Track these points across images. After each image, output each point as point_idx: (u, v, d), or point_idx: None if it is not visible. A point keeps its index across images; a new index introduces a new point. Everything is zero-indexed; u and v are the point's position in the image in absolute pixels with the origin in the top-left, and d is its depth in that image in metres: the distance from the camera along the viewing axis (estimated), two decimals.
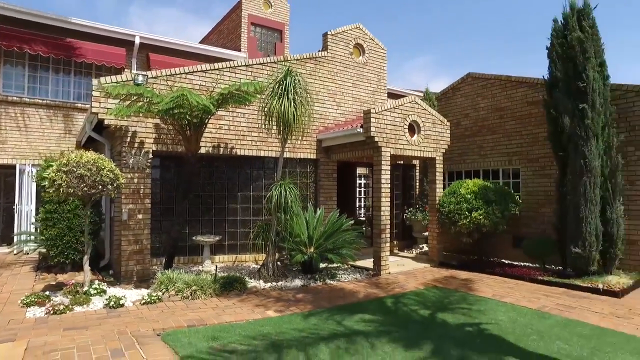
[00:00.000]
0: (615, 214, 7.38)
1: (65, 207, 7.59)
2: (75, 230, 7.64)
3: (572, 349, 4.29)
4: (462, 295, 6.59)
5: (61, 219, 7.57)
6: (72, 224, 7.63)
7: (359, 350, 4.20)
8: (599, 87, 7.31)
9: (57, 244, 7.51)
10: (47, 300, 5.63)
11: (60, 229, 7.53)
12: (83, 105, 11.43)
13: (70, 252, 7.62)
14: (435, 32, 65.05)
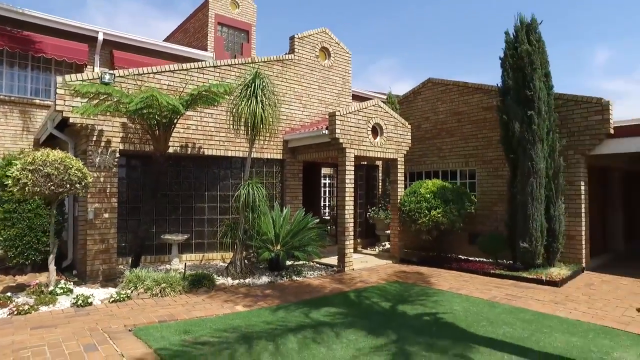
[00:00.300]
0: (557, 212, 8.08)
1: (26, 206, 7.43)
2: (37, 230, 7.50)
3: (516, 331, 4.78)
4: (421, 288, 7.04)
5: (21, 218, 7.40)
6: (34, 223, 7.48)
7: (324, 339, 4.50)
8: (544, 96, 7.99)
9: (17, 244, 7.33)
10: (8, 301, 5.57)
11: (20, 229, 7.36)
12: (41, 102, 11.09)
13: (30, 253, 7.47)
14: (400, 36, 66.60)
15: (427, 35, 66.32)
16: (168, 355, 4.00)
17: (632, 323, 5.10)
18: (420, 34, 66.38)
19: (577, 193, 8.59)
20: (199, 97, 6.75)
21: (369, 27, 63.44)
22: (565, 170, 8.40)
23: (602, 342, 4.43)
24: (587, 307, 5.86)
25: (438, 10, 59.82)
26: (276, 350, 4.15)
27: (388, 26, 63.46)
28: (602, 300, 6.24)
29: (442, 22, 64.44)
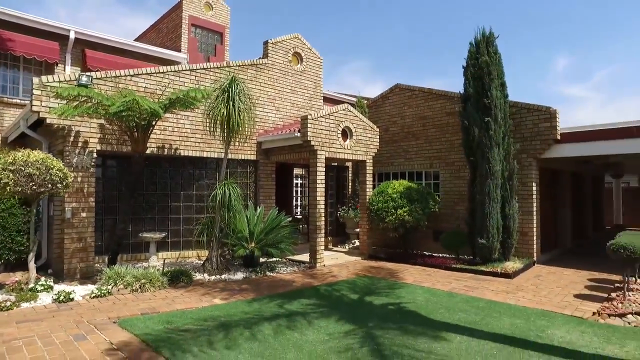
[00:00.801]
0: (512, 211, 8.84)
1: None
2: (11, 230, 7.59)
3: (469, 317, 5.38)
4: (387, 282, 7.60)
5: None
6: (7, 223, 7.56)
7: (298, 326, 4.95)
8: (500, 104, 8.73)
9: None
10: None
11: None
12: (9, 100, 10.98)
13: (4, 253, 7.55)
14: (371, 38, 67.80)
15: (397, 38, 67.81)
16: (153, 340, 4.35)
17: (567, 307, 5.82)
18: (391, 37, 67.79)
19: (529, 193, 9.40)
20: (177, 101, 7.04)
21: (341, 28, 64.28)
22: (519, 172, 9.19)
23: (541, 323, 5.09)
24: (533, 295, 6.57)
25: (409, 14, 61.30)
26: (253, 336, 4.56)
27: (360, 28, 64.47)
28: (547, 289, 6.99)
29: (413, 25, 66.06)
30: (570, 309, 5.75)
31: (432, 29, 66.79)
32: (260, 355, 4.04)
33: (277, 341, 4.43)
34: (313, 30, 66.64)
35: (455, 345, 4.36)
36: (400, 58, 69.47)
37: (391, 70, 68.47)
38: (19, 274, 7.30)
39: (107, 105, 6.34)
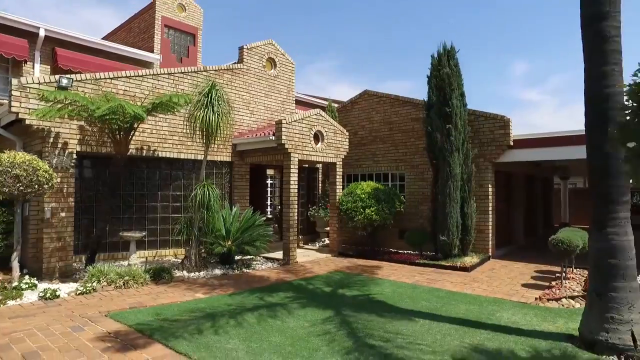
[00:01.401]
0: (470, 210, 9.69)
1: None
2: None
3: (431, 304, 6.08)
4: (357, 277, 8.23)
5: None
6: None
7: (279, 315, 5.47)
8: (460, 112, 9.56)
9: None
10: None
11: None
12: None
13: None
14: (339, 39, 68.76)
15: (363, 40, 69.12)
16: (146, 329, 4.74)
17: (515, 294, 6.65)
18: (358, 38, 69.02)
19: (485, 194, 10.32)
20: (160, 105, 7.36)
21: (308, 28, 64.88)
22: (477, 175, 10.07)
23: (492, 308, 5.85)
24: (487, 285, 7.38)
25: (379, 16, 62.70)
26: (238, 324, 5.04)
27: (326, 28, 65.29)
28: (499, 280, 7.83)
29: (380, 27, 67.60)
30: (517, 296, 6.57)
31: (398, 32, 68.58)
32: (248, 339, 4.53)
33: (261, 327, 4.93)
34: (278, 30, 66.88)
35: (419, 327, 5.02)
36: (366, 59, 70.89)
37: (357, 71, 69.73)
38: None
39: (92, 109, 6.58)
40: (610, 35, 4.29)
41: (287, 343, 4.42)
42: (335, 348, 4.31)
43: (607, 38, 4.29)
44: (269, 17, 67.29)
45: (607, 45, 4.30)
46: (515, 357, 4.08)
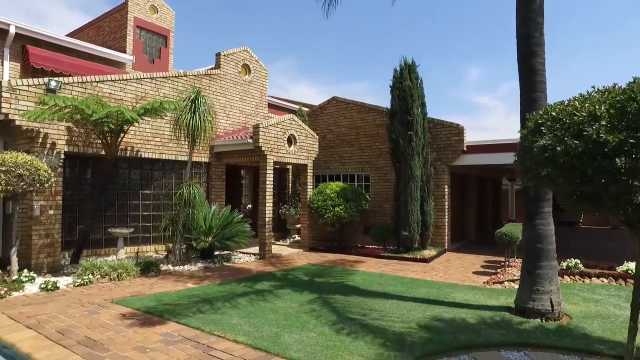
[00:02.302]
0: (429, 208, 10.93)
1: None
2: None
3: (397, 289, 7.15)
4: (330, 268, 9.21)
5: None
6: None
7: (267, 298, 6.33)
8: (420, 120, 10.78)
9: None
10: None
11: None
12: None
13: None
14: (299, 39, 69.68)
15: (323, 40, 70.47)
16: (154, 311, 5.47)
17: (467, 280, 7.88)
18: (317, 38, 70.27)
19: (442, 194, 11.62)
20: (152, 110, 7.98)
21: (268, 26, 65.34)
22: (435, 176, 11.34)
23: (448, 290, 7.01)
24: (444, 273, 8.59)
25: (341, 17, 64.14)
26: (234, 306, 5.86)
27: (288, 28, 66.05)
28: (454, 269, 9.08)
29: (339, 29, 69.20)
30: (468, 281, 7.80)
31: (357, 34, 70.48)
32: (246, 317, 5.38)
33: (255, 308, 5.78)
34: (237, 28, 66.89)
35: (389, 305, 6.06)
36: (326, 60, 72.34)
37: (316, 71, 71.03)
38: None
39: (88, 114, 7.13)
40: (538, 69, 5.52)
41: (281, 319, 5.31)
42: (322, 321, 5.25)
43: (536, 71, 5.52)
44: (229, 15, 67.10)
45: (535, 77, 5.53)
46: (465, 323, 5.20)
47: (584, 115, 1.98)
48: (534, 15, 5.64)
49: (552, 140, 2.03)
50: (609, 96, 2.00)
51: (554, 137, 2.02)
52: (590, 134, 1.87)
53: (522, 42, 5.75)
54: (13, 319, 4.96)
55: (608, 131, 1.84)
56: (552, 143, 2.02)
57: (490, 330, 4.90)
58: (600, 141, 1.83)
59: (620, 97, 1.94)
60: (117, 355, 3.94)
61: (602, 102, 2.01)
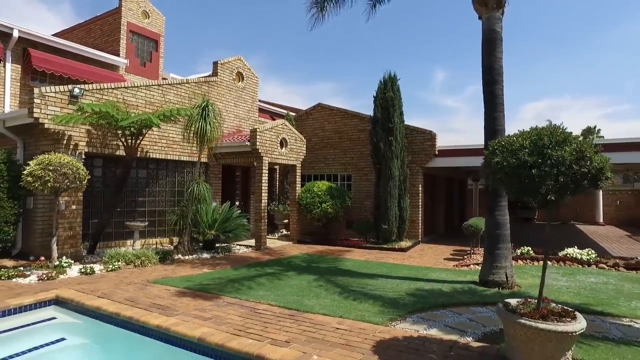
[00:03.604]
0: (405, 204, 12.59)
1: None
2: (1, 221, 8.83)
3: (382, 271, 8.70)
4: (322, 256, 10.66)
5: None
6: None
7: (280, 278, 7.71)
8: (399, 127, 12.41)
9: None
10: (22, 273, 7.30)
11: None
12: None
13: None
14: (265, 37, 70.57)
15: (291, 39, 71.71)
16: (192, 288, 6.73)
17: (439, 264, 9.56)
18: (286, 38, 71.45)
19: (417, 192, 13.31)
20: (170, 116, 9.14)
21: (235, 24, 65.90)
22: (410, 177, 13.02)
23: (425, 272, 8.63)
24: (419, 259, 10.23)
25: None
26: (255, 284, 7.20)
27: (255, 25, 66.84)
28: (427, 256, 10.76)
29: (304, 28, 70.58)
30: (441, 265, 9.47)
31: (325, 35, 72.21)
32: (269, 290, 6.74)
33: (273, 285, 7.16)
34: (204, 25, 67.09)
35: (379, 281, 7.59)
36: (295, 59, 73.63)
37: (285, 70, 72.18)
38: (4, 261, 8.71)
39: (117, 119, 8.24)
40: (498, 94, 7.19)
41: (297, 291, 6.71)
42: (330, 292, 6.70)
43: (496, 96, 7.19)
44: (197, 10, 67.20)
45: (496, 100, 7.19)
46: (442, 291, 6.79)
47: (517, 145, 3.52)
48: (495, 52, 7.30)
49: (501, 159, 3.55)
50: (529, 135, 3.57)
51: (502, 157, 3.55)
52: (520, 156, 3.40)
53: (486, 72, 7.40)
54: (82, 292, 6.11)
55: (529, 155, 3.36)
56: (501, 160, 3.54)
57: (461, 296, 6.51)
58: (525, 160, 3.35)
59: (534, 137, 3.50)
60: (186, 314, 5.23)
61: (525, 138, 3.58)
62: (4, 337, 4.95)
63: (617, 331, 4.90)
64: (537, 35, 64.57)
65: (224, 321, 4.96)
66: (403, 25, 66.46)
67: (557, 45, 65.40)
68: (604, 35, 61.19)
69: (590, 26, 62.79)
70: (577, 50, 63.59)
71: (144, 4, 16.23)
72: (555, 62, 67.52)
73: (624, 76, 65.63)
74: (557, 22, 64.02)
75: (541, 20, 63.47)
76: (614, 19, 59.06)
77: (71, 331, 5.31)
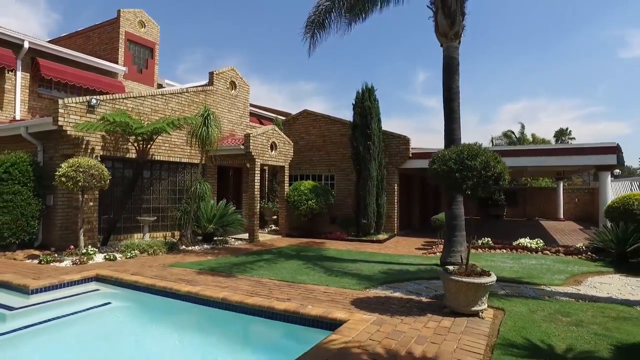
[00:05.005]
0: (382, 201, 14.30)
1: (19, 196, 10.04)
2: (27, 216, 10.15)
3: (362, 257, 10.36)
4: (309, 247, 12.27)
5: (16, 206, 9.99)
6: (25, 210, 10.12)
7: (276, 262, 9.29)
8: (377, 133, 14.11)
9: (12, 227, 9.91)
10: (57, 259, 8.71)
11: (15, 215, 9.95)
12: None
13: (22, 234, 10.11)
14: (247, 37, 71.69)
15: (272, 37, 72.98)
16: (207, 268, 8.25)
17: (411, 252, 11.29)
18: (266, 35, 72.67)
19: (393, 190, 15.05)
20: (177, 124, 10.61)
21: (217, 22, 66.87)
22: (387, 177, 14.75)
23: (397, 258, 10.34)
24: (394, 249, 11.95)
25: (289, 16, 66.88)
26: (256, 266, 8.76)
27: (236, 24, 67.91)
28: (401, 246, 12.50)
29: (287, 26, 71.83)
30: (412, 253, 11.20)
31: None
32: (268, 270, 8.31)
33: (270, 266, 8.73)
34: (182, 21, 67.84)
35: (357, 265, 9.25)
36: (276, 58, 75.14)
37: (267, 69, 73.52)
38: (27, 252, 10.06)
39: (134, 127, 9.69)
40: (455, 109, 8.92)
41: (290, 271, 8.31)
42: (317, 271, 8.31)
43: (454, 111, 8.92)
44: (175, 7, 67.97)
45: (454, 115, 8.92)
46: (408, 270, 8.49)
47: (448, 157, 5.22)
48: (453, 76, 9.03)
49: (437, 166, 5.26)
50: (455, 150, 5.29)
51: (438, 165, 5.25)
52: (449, 164, 5.09)
53: (446, 91, 9.13)
54: (116, 271, 7.58)
55: (454, 164, 5.05)
56: (437, 167, 5.25)
57: (423, 273, 8.22)
58: (452, 167, 5.05)
59: (458, 152, 5.21)
60: (207, 285, 6.77)
61: (452, 152, 5.31)
62: (65, 301, 6.42)
63: (532, 292, 6.67)
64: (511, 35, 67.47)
65: (238, 288, 6.53)
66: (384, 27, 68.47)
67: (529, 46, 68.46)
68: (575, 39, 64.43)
69: (561, 29, 66.02)
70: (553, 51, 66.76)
71: (140, 14, 17.55)
72: (530, 62, 70.63)
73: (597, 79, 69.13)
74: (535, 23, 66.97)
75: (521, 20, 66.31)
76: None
77: (114, 298, 6.79)
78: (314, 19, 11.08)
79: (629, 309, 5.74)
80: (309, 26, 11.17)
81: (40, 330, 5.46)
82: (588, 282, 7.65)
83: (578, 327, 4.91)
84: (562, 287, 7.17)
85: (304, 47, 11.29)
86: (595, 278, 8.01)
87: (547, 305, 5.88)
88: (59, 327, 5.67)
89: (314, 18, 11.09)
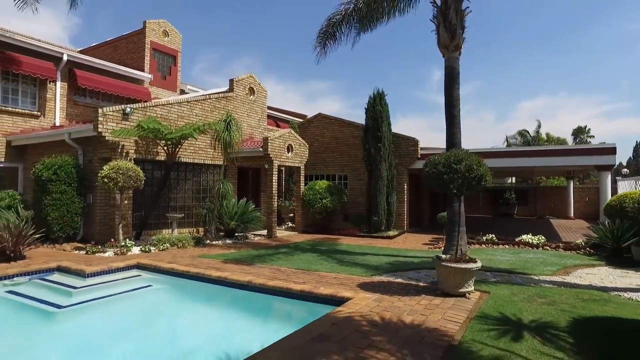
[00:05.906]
0: (392, 200, 15.25)
1: (65, 195, 11.31)
2: (72, 213, 11.44)
3: (372, 250, 11.35)
4: (323, 242, 13.30)
5: (63, 204, 11.27)
6: (70, 207, 11.40)
7: (293, 254, 10.34)
8: (387, 135, 15.06)
9: (60, 222, 11.20)
10: (101, 250, 9.93)
11: (62, 211, 11.23)
12: (13, 109, 14.00)
13: (67, 229, 11.39)
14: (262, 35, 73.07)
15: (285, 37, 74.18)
16: (232, 259, 9.35)
17: (417, 247, 12.23)
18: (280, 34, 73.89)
19: (402, 190, 15.99)
20: (202, 129, 11.76)
21: (231, 21, 68.36)
22: (397, 176, 15.69)
23: (404, 252, 11.29)
24: (403, 244, 12.90)
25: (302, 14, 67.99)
26: (275, 258, 9.82)
27: (249, 24, 69.32)
28: (409, 242, 13.44)
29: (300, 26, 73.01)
30: (419, 247, 12.14)
31: None
32: (285, 261, 9.37)
33: (287, 259, 9.79)
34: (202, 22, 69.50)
35: (368, 257, 10.25)
36: (291, 56, 76.46)
37: (281, 68, 74.83)
38: (71, 245, 11.33)
39: (165, 133, 10.87)
40: (456, 115, 9.84)
41: (306, 261, 9.35)
42: (331, 262, 9.34)
43: (454, 116, 9.84)
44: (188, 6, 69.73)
45: (454, 120, 9.84)
46: (413, 262, 9.45)
47: (437, 162, 6.17)
48: (454, 84, 9.94)
49: (429, 169, 6.22)
50: (444, 156, 6.23)
51: (429, 168, 6.21)
52: (439, 168, 6.04)
53: (447, 98, 10.04)
54: (153, 261, 8.74)
55: (442, 167, 6.02)
56: (429, 170, 6.21)
57: (425, 264, 9.18)
58: (441, 170, 6.00)
59: (446, 157, 6.15)
60: (234, 272, 7.86)
61: (442, 157, 6.26)
62: (113, 284, 7.62)
63: (520, 280, 7.58)
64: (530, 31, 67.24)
65: (261, 274, 7.60)
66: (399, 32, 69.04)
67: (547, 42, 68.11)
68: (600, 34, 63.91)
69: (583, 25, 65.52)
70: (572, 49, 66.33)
71: (164, 24, 18.83)
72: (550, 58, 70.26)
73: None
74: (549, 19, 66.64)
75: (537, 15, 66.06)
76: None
77: (154, 282, 7.95)
78: (326, 30, 12.09)
79: (601, 294, 6.62)
80: (321, 37, 12.17)
81: (98, 304, 6.67)
82: (577, 273, 8.50)
83: (549, 306, 5.83)
84: (551, 276, 8.04)
85: (314, 54, 12.24)
86: (585, 270, 8.84)
87: (529, 290, 6.80)
88: (112, 302, 6.87)
89: (325, 29, 12.10)
